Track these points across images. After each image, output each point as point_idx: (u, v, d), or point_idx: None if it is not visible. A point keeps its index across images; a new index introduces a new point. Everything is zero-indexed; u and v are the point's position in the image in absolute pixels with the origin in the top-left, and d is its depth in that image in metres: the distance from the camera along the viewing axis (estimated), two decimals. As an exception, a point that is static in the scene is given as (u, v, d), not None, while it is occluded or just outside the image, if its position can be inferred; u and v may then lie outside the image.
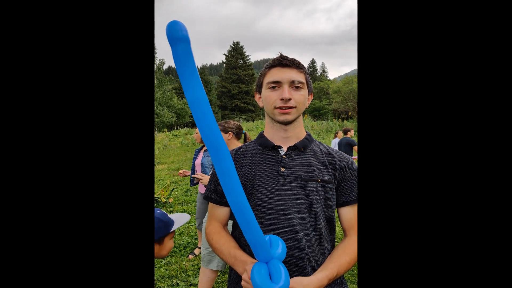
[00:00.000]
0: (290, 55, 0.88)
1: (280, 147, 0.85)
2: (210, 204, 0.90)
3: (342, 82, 21.75)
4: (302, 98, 0.81)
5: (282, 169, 0.81)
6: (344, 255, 0.78)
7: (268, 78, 0.82)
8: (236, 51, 37.13)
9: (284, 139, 0.85)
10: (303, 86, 0.81)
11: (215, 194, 0.88)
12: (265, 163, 0.83)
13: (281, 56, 0.83)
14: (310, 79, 0.86)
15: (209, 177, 1.29)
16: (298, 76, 0.80)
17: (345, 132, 5.42)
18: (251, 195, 0.80)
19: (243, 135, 2.10)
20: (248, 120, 27.84)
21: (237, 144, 2.02)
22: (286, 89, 0.78)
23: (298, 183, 0.79)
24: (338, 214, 0.87)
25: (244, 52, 37.29)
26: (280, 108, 0.79)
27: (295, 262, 0.75)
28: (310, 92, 0.86)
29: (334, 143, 5.77)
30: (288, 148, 0.84)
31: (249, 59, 37.40)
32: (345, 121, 19.40)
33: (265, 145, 0.86)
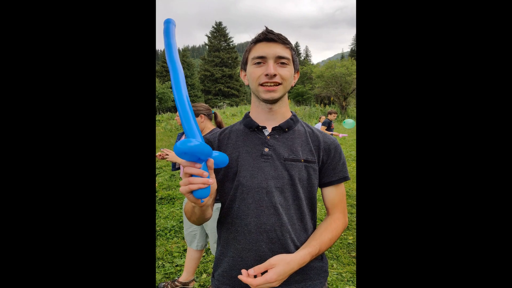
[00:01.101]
0: (274, 36, 0.85)
1: (265, 127, 0.84)
2: None
3: (325, 66, 21.60)
4: (288, 74, 0.79)
5: (266, 149, 0.81)
6: (326, 232, 0.80)
7: (253, 54, 0.80)
8: (219, 32, 35.93)
9: (269, 119, 0.84)
10: (289, 63, 0.79)
11: None
12: (250, 143, 0.83)
13: (267, 30, 0.80)
14: (296, 56, 0.84)
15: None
16: (284, 52, 0.78)
17: (328, 114, 5.65)
18: (236, 174, 0.81)
19: (213, 115, 2.01)
20: (232, 105, 27.37)
21: (210, 126, 1.92)
22: (271, 64, 0.76)
23: (282, 163, 0.80)
24: (321, 193, 0.88)
25: (227, 34, 36.17)
26: (265, 84, 0.78)
27: (277, 238, 0.77)
28: (296, 70, 0.84)
29: (317, 127, 5.98)
30: (273, 129, 0.84)
31: (232, 41, 36.35)
32: (327, 106, 19.61)
33: (250, 126, 0.85)
